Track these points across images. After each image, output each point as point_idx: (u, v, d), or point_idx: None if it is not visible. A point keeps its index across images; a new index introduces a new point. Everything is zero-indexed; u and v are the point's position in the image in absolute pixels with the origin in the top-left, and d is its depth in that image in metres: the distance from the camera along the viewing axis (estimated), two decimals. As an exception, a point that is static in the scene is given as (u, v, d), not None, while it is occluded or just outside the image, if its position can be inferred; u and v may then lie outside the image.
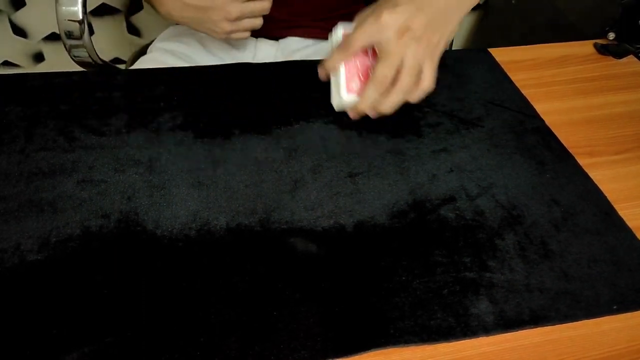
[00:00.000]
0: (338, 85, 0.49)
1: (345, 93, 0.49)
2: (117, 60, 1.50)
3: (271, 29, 0.82)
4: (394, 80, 0.47)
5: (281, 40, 0.83)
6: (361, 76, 0.49)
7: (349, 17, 0.86)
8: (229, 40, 0.82)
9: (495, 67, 0.65)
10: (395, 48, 0.46)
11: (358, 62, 0.50)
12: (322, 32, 0.83)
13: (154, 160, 0.50)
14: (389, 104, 0.48)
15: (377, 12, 0.46)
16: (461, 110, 0.58)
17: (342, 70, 0.49)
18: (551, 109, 0.59)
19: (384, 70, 0.46)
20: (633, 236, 0.45)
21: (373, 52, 0.49)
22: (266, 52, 0.82)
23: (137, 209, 0.45)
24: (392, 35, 0.45)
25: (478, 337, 0.38)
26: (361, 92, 0.48)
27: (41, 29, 1.45)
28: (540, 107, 0.59)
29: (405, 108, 0.58)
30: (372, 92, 0.47)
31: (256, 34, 0.83)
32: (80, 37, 0.86)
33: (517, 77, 0.64)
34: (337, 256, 0.42)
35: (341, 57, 0.48)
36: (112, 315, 0.38)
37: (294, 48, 0.82)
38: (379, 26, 0.46)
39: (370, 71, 0.49)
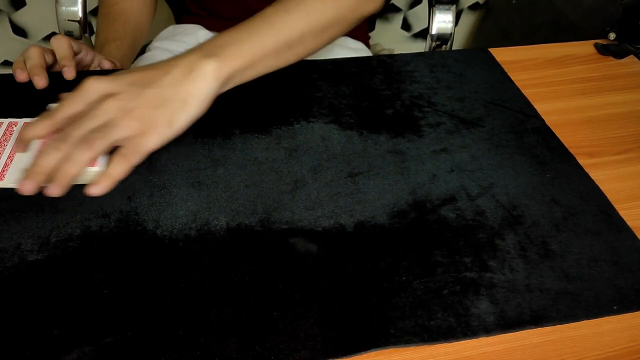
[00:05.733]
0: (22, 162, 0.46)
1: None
2: (117, 60, 1.50)
3: None
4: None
5: None
6: None
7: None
8: None
9: (495, 67, 0.65)
10: (93, 109, 0.45)
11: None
12: None
13: (154, 160, 0.50)
14: (68, 161, 0.43)
15: (83, 81, 0.47)
16: (461, 110, 0.58)
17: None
18: (551, 109, 0.59)
19: (67, 131, 0.44)
20: (634, 236, 0.45)
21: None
22: None
23: (137, 209, 0.45)
24: (94, 97, 0.46)
25: (478, 337, 0.38)
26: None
27: (41, 29, 1.45)
28: (540, 107, 0.59)
29: (406, 108, 0.58)
30: (48, 156, 0.43)
31: None
32: (80, 37, 0.86)
33: (517, 77, 0.64)
34: (337, 256, 0.42)
35: (44, 125, 0.45)
36: (112, 315, 0.38)
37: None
38: (81, 92, 0.46)
39: None
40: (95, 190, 0.44)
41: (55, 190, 0.43)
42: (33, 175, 0.43)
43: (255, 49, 0.52)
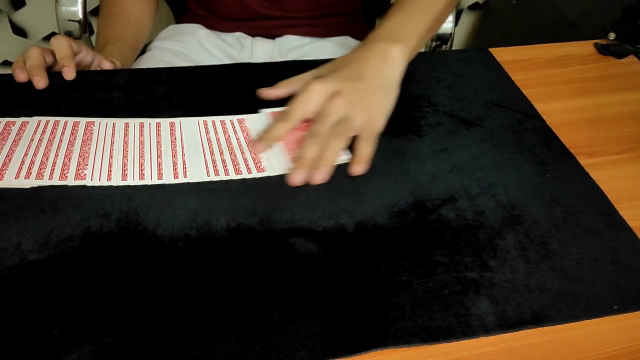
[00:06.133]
0: (279, 156, 0.51)
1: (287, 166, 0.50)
2: (117, 60, 1.50)
3: (268, 28, 0.82)
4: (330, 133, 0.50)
5: (277, 39, 0.83)
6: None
7: (345, 15, 0.86)
8: (226, 40, 0.83)
9: (495, 67, 0.65)
10: (327, 108, 0.51)
11: (294, 134, 0.52)
12: (318, 30, 0.83)
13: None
14: (329, 150, 0.49)
15: (306, 84, 0.52)
16: (461, 110, 0.58)
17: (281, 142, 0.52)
18: (551, 109, 0.59)
19: (317, 128, 0.50)
20: (634, 236, 0.45)
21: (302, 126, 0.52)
22: (263, 51, 0.82)
23: (138, 209, 0.45)
24: (323, 98, 0.51)
25: (479, 337, 0.38)
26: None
27: (41, 29, 1.45)
28: (540, 107, 0.59)
29: (406, 108, 0.58)
30: (310, 148, 0.49)
31: (253, 33, 0.83)
32: (80, 37, 0.87)
33: (517, 77, 0.64)
34: (337, 256, 0.42)
35: (285, 126, 0.51)
36: (112, 315, 0.38)
37: (290, 47, 0.82)
38: (310, 94, 0.51)
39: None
40: (359, 170, 0.50)
41: (321, 177, 0.48)
42: (301, 166, 0.48)
43: (420, 29, 0.59)
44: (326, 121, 0.50)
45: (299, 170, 0.48)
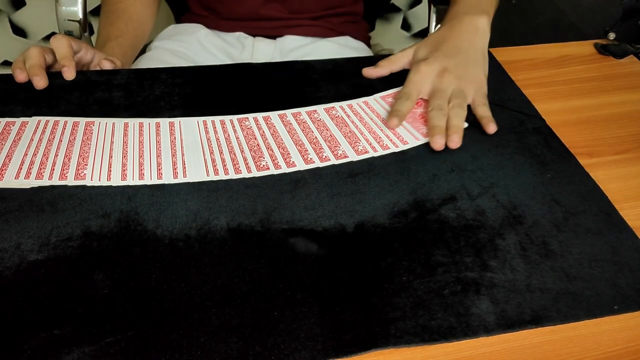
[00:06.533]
0: (412, 131, 0.56)
1: (420, 136, 0.55)
2: (117, 60, 1.50)
3: (269, 28, 0.82)
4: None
5: (279, 39, 0.83)
6: (423, 121, 0.57)
7: (346, 16, 0.86)
8: (227, 39, 0.83)
9: (495, 67, 0.65)
10: (439, 85, 0.57)
11: (414, 111, 0.58)
12: (319, 31, 0.83)
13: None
14: (455, 118, 0.54)
15: (415, 67, 0.59)
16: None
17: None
18: (551, 109, 0.59)
19: (437, 102, 0.55)
20: (634, 236, 0.45)
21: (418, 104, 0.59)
22: (264, 50, 0.82)
23: (138, 209, 0.45)
24: (434, 76, 0.57)
25: (479, 337, 0.38)
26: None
27: (41, 29, 1.45)
28: (540, 107, 0.59)
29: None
30: (435, 117, 0.54)
31: (254, 33, 0.83)
32: (80, 37, 0.86)
33: (517, 77, 0.64)
34: (337, 256, 0.42)
35: (409, 104, 0.56)
36: (112, 315, 0.38)
37: (291, 47, 0.82)
38: (422, 75, 0.58)
39: (425, 115, 0.57)
40: (493, 128, 0.55)
41: (456, 142, 0.53)
42: (439, 132, 0.53)
43: (494, 1, 0.67)
44: (443, 96, 0.56)
45: (438, 136, 0.52)
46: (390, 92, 0.60)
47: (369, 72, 0.63)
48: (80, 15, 0.85)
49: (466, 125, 0.55)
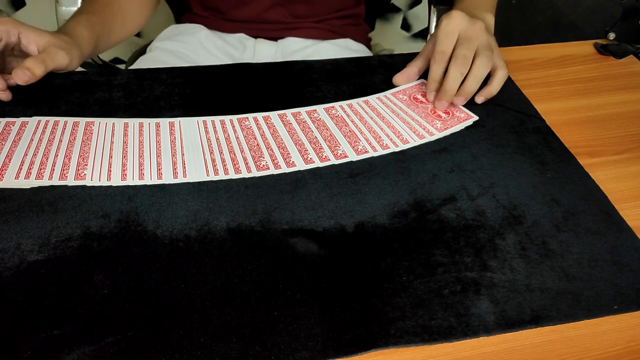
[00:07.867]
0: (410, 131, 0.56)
1: (435, 131, 0.55)
2: (117, 60, 1.50)
3: (271, 30, 0.82)
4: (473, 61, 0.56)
5: (280, 41, 0.82)
6: (436, 116, 0.57)
7: (349, 18, 0.86)
8: (228, 40, 0.83)
9: (495, 67, 0.65)
10: (465, 33, 0.56)
11: (427, 106, 0.58)
12: (321, 33, 0.83)
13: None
14: (472, 79, 0.54)
15: (446, 16, 0.58)
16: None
17: None
18: (551, 109, 0.59)
19: (462, 51, 0.54)
20: (634, 236, 0.45)
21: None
22: (265, 52, 0.82)
23: (138, 209, 0.45)
24: (467, 23, 0.57)
25: (479, 337, 0.38)
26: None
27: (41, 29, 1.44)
28: (540, 107, 0.59)
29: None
30: (455, 72, 0.54)
31: (255, 34, 0.83)
32: (80, 37, 0.86)
33: (517, 77, 0.64)
34: (337, 256, 0.42)
35: (442, 66, 0.56)
36: (112, 315, 0.38)
37: (293, 49, 0.82)
38: (455, 22, 0.57)
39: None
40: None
41: (444, 108, 0.54)
42: (444, 99, 0.54)
43: None
44: (471, 45, 0.55)
45: (444, 101, 0.53)
46: (397, 89, 0.61)
47: (400, 78, 0.61)
48: (80, 16, 0.85)
49: (476, 118, 0.56)
